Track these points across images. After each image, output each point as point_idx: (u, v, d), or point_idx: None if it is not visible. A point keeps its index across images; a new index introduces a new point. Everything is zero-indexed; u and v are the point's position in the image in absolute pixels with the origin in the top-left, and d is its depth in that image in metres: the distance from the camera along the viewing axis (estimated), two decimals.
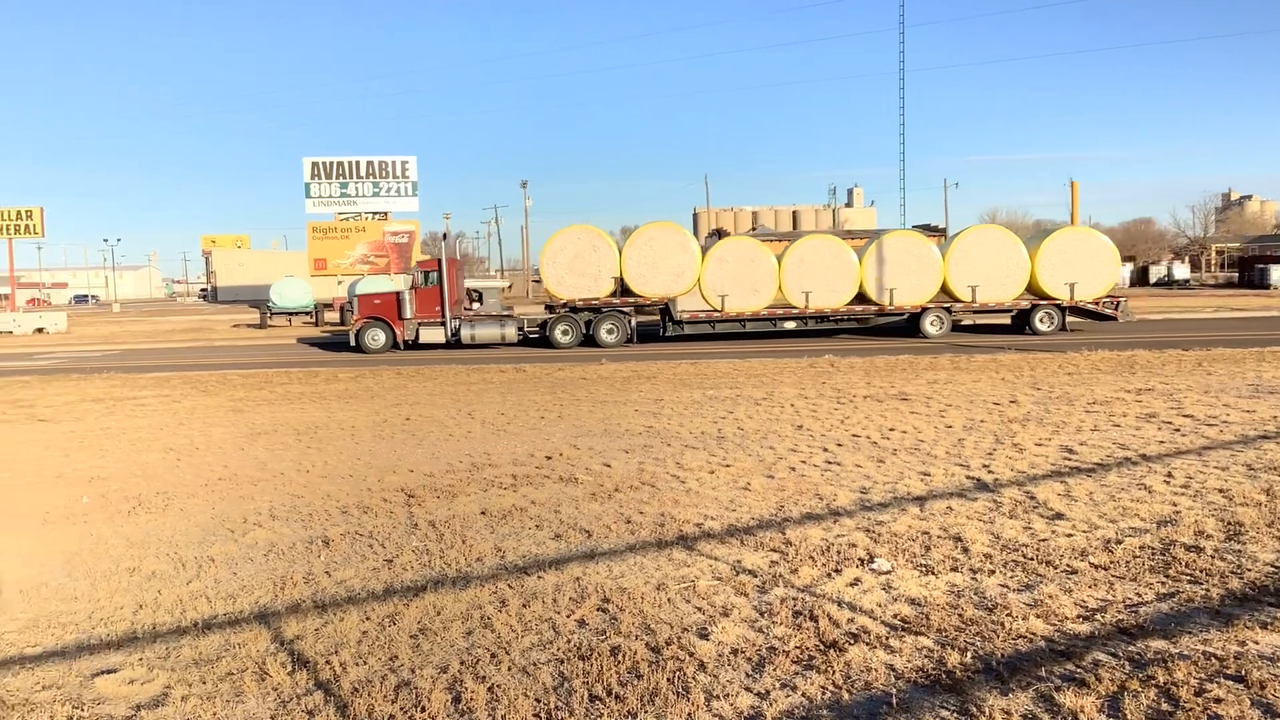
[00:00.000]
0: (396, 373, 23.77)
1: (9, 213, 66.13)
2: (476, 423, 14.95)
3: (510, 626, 6.21)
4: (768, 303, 32.32)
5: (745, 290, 32.20)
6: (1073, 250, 31.64)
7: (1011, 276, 31.64)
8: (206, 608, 6.79)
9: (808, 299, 32.01)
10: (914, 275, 31.70)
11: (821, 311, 32.16)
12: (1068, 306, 31.64)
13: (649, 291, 32.42)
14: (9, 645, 6.21)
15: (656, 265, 32.32)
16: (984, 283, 31.66)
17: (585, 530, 8.49)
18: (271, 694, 5.32)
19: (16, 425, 16.27)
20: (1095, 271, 31.57)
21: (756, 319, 32.50)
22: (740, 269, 32.22)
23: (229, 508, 9.75)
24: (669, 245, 32.51)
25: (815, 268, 32.00)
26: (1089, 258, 31.58)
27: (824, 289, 32.00)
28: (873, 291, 31.95)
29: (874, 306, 32.14)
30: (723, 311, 32.32)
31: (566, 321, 32.53)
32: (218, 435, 14.49)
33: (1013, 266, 31.62)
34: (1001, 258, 31.68)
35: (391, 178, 77.57)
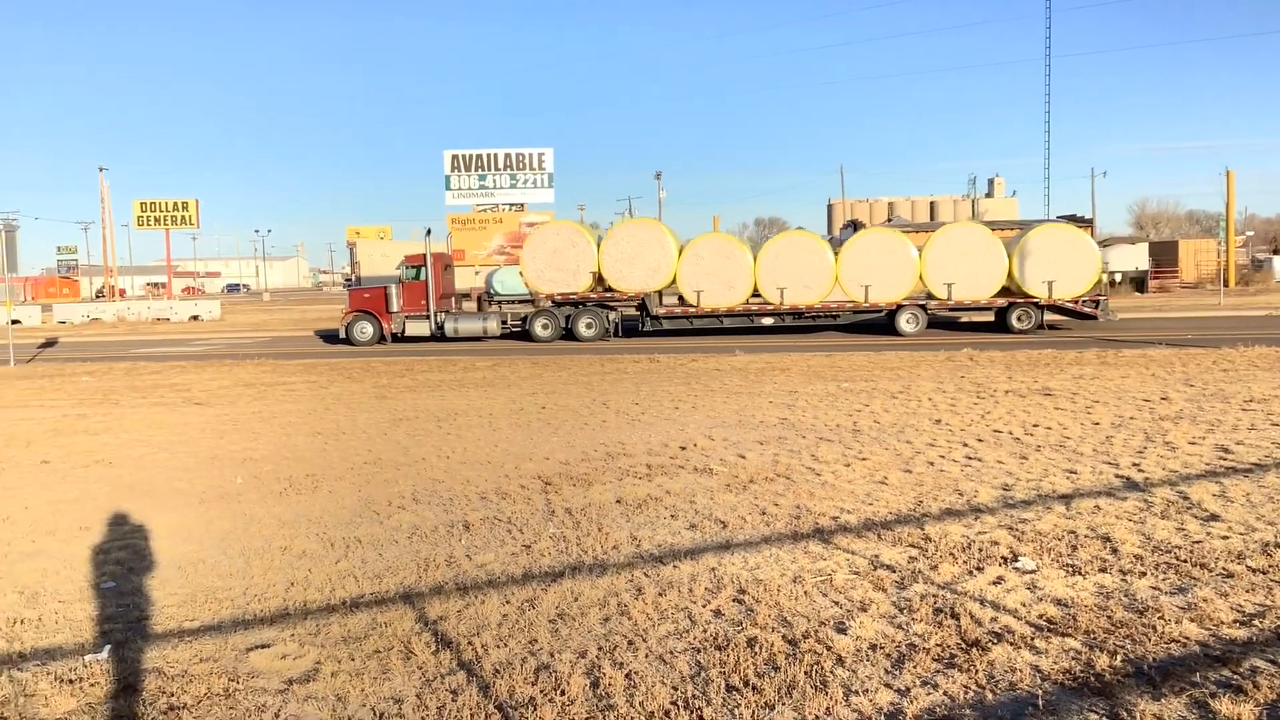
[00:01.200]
0: (532, 362, 24.13)
1: (166, 204, 69.26)
2: (611, 412, 15.08)
3: (647, 614, 6.25)
4: (743, 299, 32.51)
5: (721, 286, 32.39)
6: (1052, 248, 31.15)
7: (988, 274, 31.31)
8: (354, 587, 7.01)
9: (783, 295, 32.06)
10: (890, 272, 31.49)
11: (796, 308, 32.18)
12: (1046, 305, 31.15)
13: (626, 286, 32.84)
14: (168, 619, 6.50)
15: (633, 261, 32.63)
16: (960, 280, 31.35)
17: (720, 521, 8.49)
18: (416, 672, 5.46)
19: (175, 408, 17.03)
20: (1075, 269, 30.93)
21: (733, 315, 32.65)
22: (716, 265, 32.42)
23: (374, 491, 10.04)
24: (646, 241, 32.84)
25: (790, 264, 32.01)
26: (1069, 255, 31.01)
27: (799, 285, 31.99)
28: (849, 288, 31.91)
29: (849, 303, 32.08)
30: (698, 307, 32.58)
31: (546, 316, 33.15)
32: (362, 420, 14.92)
33: (990, 264, 31.31)
34: (978, 255, 31.38)
35: (528, 169, 78.69)
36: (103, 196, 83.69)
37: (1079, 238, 31.93)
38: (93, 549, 8.16)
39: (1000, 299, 31.55)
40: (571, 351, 27.58)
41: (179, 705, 5.10)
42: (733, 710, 4.91)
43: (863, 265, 31.70)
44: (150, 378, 22.84)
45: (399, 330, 33.53)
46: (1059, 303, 31.14)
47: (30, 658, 5.83)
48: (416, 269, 33.70)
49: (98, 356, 30.83)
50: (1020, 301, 31.31)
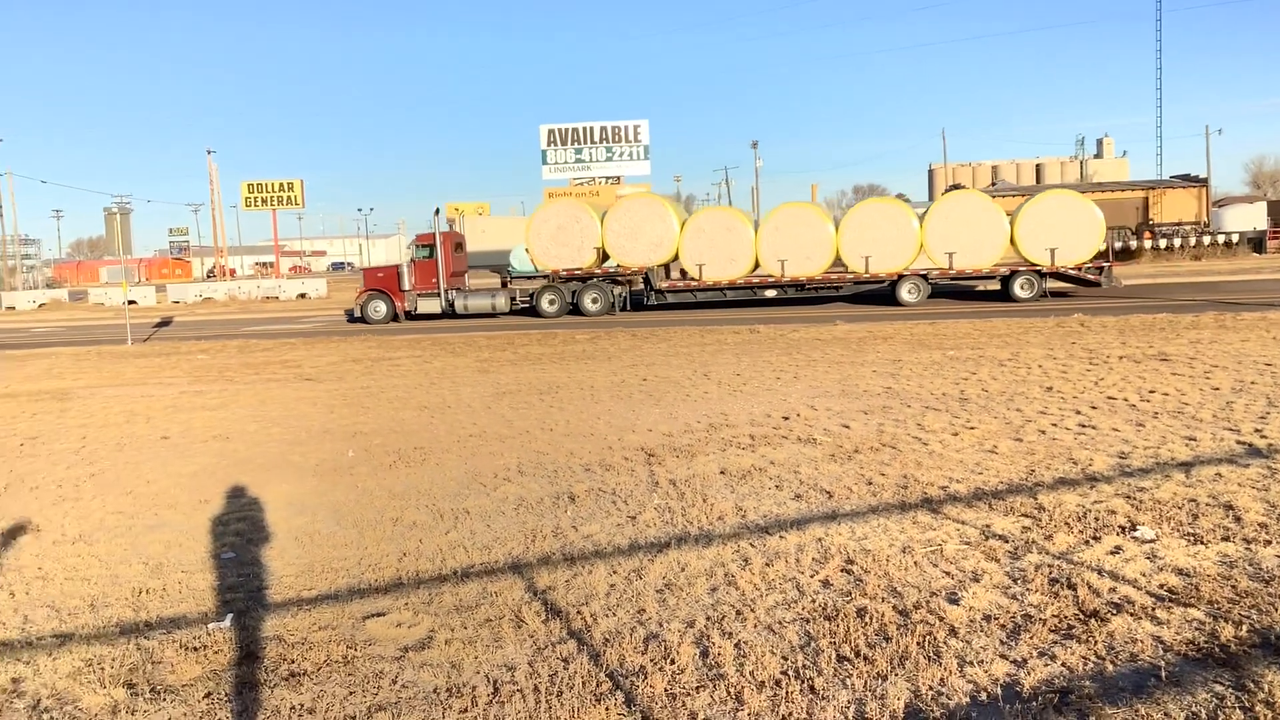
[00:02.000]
0: (631, 335, 24.18)
1: (272, 185, 70.88)
2: (712, 383, 15.04)
3: (754, 585, 6.22)
4: (745, 271, 32.75)
5: (723, 259, 32.57)
6: (1055, 215, 30.62)
7: (990, 243, 30.91)
8: (464, 557, 7.11)
9: (783, 267, 32.16)
10: (891, 243, 31.27)
11: (797, 280, 32.21)
12: (1048, 272, 30.66)
13: (629, 261, 33.24)
14: (287, 588, 6.67)
15: (636, 235, 32.95)
16: (961, 249, 30.96)
17: (826, 491, 8.41)
18: (528, 640, 5.52)
19: (287, 384, 17.46)
20: (1078, 236, 30.40)
21: (735, 287, 32.75)
22: (717, 238, 32.61)
23: (480, 463, 10.16)
24: (647, 215, 33.17)
25: (790, 236, 32.10)
26: (1072, 223, 30.44)
27: (799, 257, 32.02)
28: (849, 259, 31.87)
29: (850, 274, 32.03)
30: (700, 280, 32.84)
31: (553, 291, 33.52)
32: (466, 394, 15.12)
33: (991, 233, 30.90)
34: (980, 224, 30.99)
35: (624, 142, 78.66)
36: (212, 179, 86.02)
37: (1081, 204, 31.36)
38: (212, 521, 8.41)
39: (1003, 267, 31.20)
40: (668, 324, 27.56)
41: (299, 672, 5.24)
42: (844, 680, 4.87)
43: (863, 236, 31.62)
44: (262, 355, 23.45)
45: (411, 308, 34.33)
46: (1062, 270, 30.70)
47: (156, 626, 6.03)
48: (429, 248, 34.39)
49: (211, 335, 31.77)
50: (1023, 269, 30.90)
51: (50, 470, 10.71)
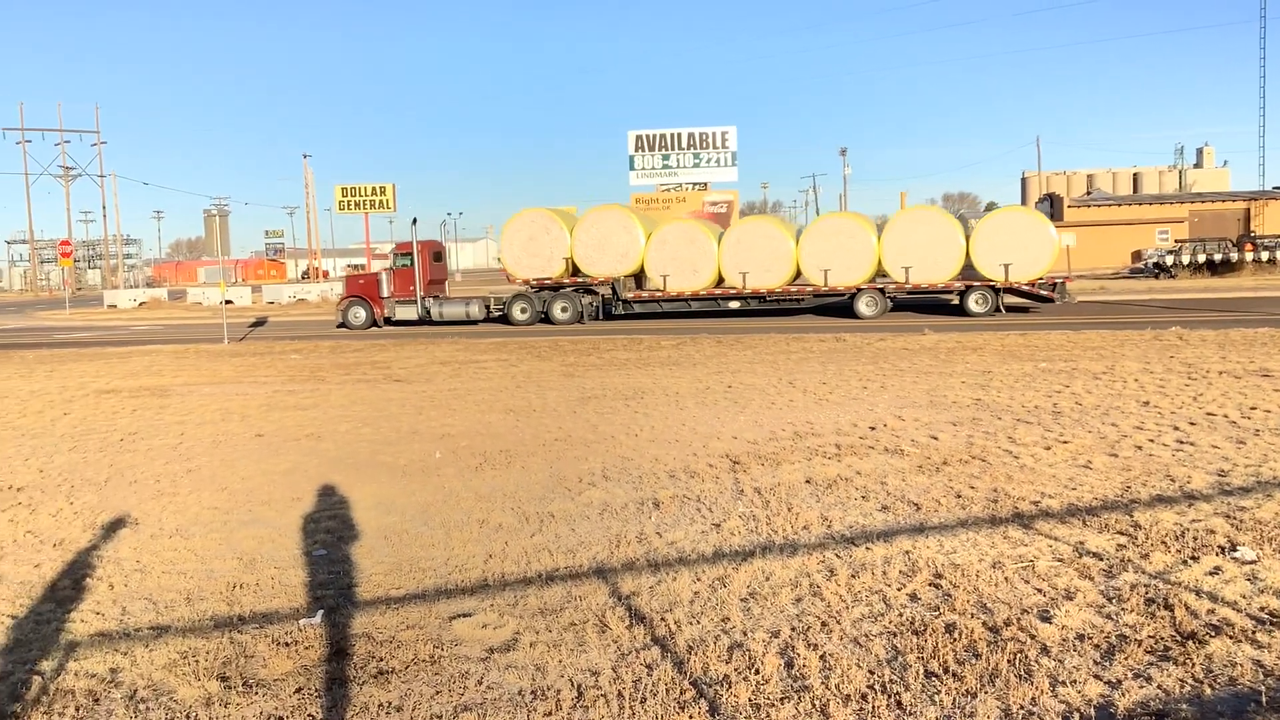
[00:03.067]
0: (717, 341, 24.13)
1: (365, 189, 71.96)
2: (798, 391, 14.94)
3: (840, 596, 6.16)
4: (707, 283, 33.45)
5: (686, 271, 33.37)
6: (1009, 232, 31.20)
7: (946, 258, 31.45)
8: (549, 560, 7.15)
9: (745, 279, 32.86)
10: (849, 257, 31.98)
11: (758, 291, 32.91)
12: (1002, 288, 31.10)
13: (596, 271, 34.06)
14: (376, 586, 6.77)
15: (603, 247, 33.79)
16: (918, 264, 31.50)
17: (913, 503, 8.30)
18: (612, 646, 5.53)
19: (376, 385, 17.75)
20: (1032, 253, 30.89)
21: (698, 298, 33.55)
22: (680, 250, 33.42)
23: (565, 467, 10.22)
24: (614, 227, 34.01)
25: (752, 249, 32.79)
26: (1025, 240, 30.95)
27: (760, 270, 32.71)
28: (809, 272, 32.52)
29: (810, 287, 32.67)
30: (665, 291, 33.61)
31: (525, 300, 34.41)
32: (552, 398, 15.22)
33: (947, 248, 31.47)
34: (936, 239, 31.56)
35: (711, 148, 78.39)
36: (307, 182, 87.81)
37: (1035, 221, 32.00)
38: (304, 518, 8.58)
39: (959, 282, 31.65)
40: (757, 331, 27.45)
41: (388, 670, 5.31)
42: (932, 696, 4.79)
43: (822, 250, 32.27)
44: (353, 355, 23.87)
45: (390, 314, 35.13)
46: (1015, 285, 31.13)
47: (249, 621, 6.16)
48: (408, 257, 35.16)
49: (304, 335, 32.42)
50: (978, 284, 31.35)
51: (149, 465, 11.01)
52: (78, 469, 10.89)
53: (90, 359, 25.42)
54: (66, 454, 11.78)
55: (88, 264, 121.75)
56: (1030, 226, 31.57)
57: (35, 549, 7.89)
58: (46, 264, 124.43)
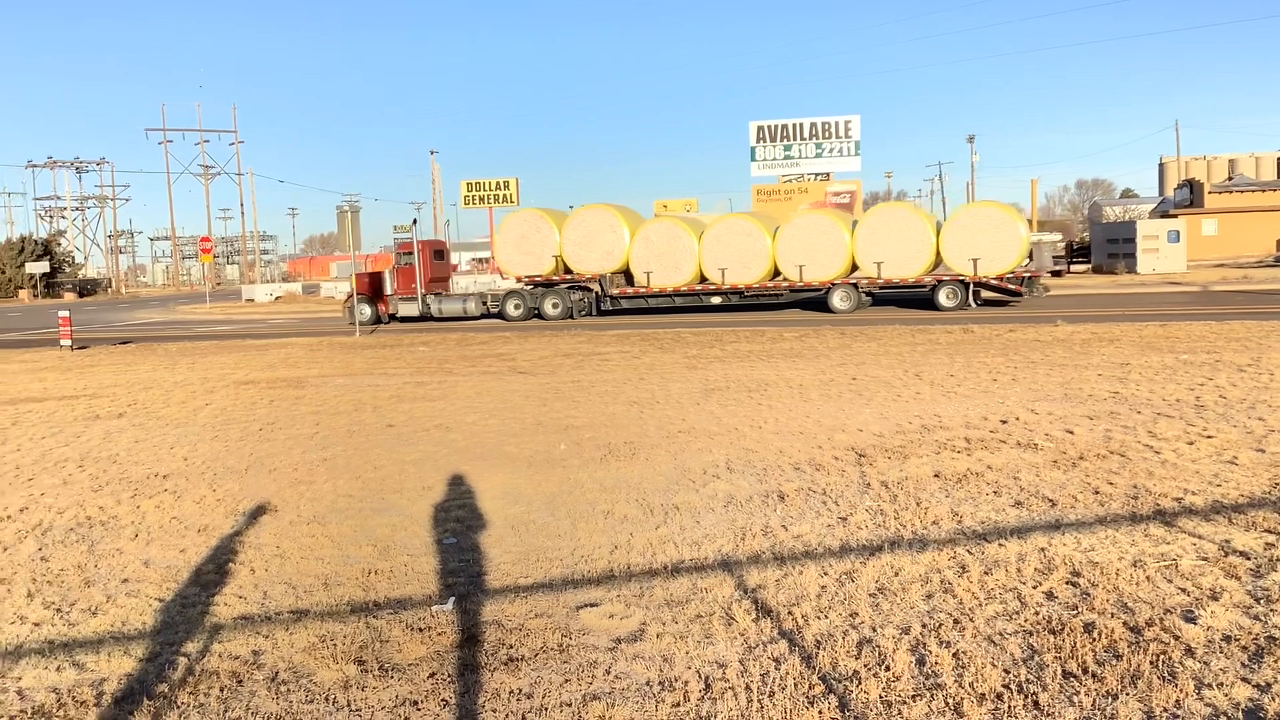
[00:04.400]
0: (840, 333, 23.87)
1: (490, 184, 73.07)
2: (925, 384, 14.67)
3: (972, 593, 6.03)
4: (689, 279, 34.46)
5: (668, 268, 34.44)
6: (977, 228, 31.84)
7: (917, 253, 32.26)
8: (674, 552, 7.16)
9: (724, 275, 33.90)
10: (823, 253, 32.96)
11: (736, 287, 33.89)
12: (971, 282, 31.72)
13: (583, 269, 35.37)
14: (504, 575, 6.87)
15: (589, 244, 35.04)
16: (889, 259, 32.42)
17: (1048, 499, 8.07)
18: (739, 639, 5.51)
19: (501, 377, 18.02)
20: (1000, 248, 31.53)
21: (681, 294, 34.54)
22: (663, 247, 34.46)
23: (689, 459, 10.22)
24: (599, 226, 35.13)
25: (731, 247, 33.83)
26: (994, 235, 31.59)
27: (738, 266, 33.75)
28: (785, 268, 33.56)
29: (786, 282, 33.59)
30: (648, 287, 34.65)
31: (518, 296, 35.82)
32: (675, 390, 15.24)
33: (918, 244, 32.24)
34: (907, 235, 32.34)
35: (834, 138, 77.51)
36: (434, 178, 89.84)
37: (1004, 216, 32.46)
38: (434, 507, 8.75)
39: (929, 277, 32.53)
40: (879, 322, 27.06)
41: (517, 657, 5.38)
42: (1071, 698, 4.65)
43: (797, 246, 33.25)
44: (479, 348, 24.28)
45: (394, 311, 36.80)
46: (985, 280, 31.81)
47: (384, 606, 6.31)
48: (409, 256, 36.83)
49: (431, 328, 33.08)
50: (948, 279, 32.11)
51: (287, 453, 11.37)
52: (220, 457, 11.30)
53: (229, 351, 26.38)
54: (209, 443, 12.24)
55: (226, 259, 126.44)
56: (998, 222, 32.10)
57: (180, 534, 8.21)
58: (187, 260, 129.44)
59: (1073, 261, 54.21)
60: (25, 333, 40.20)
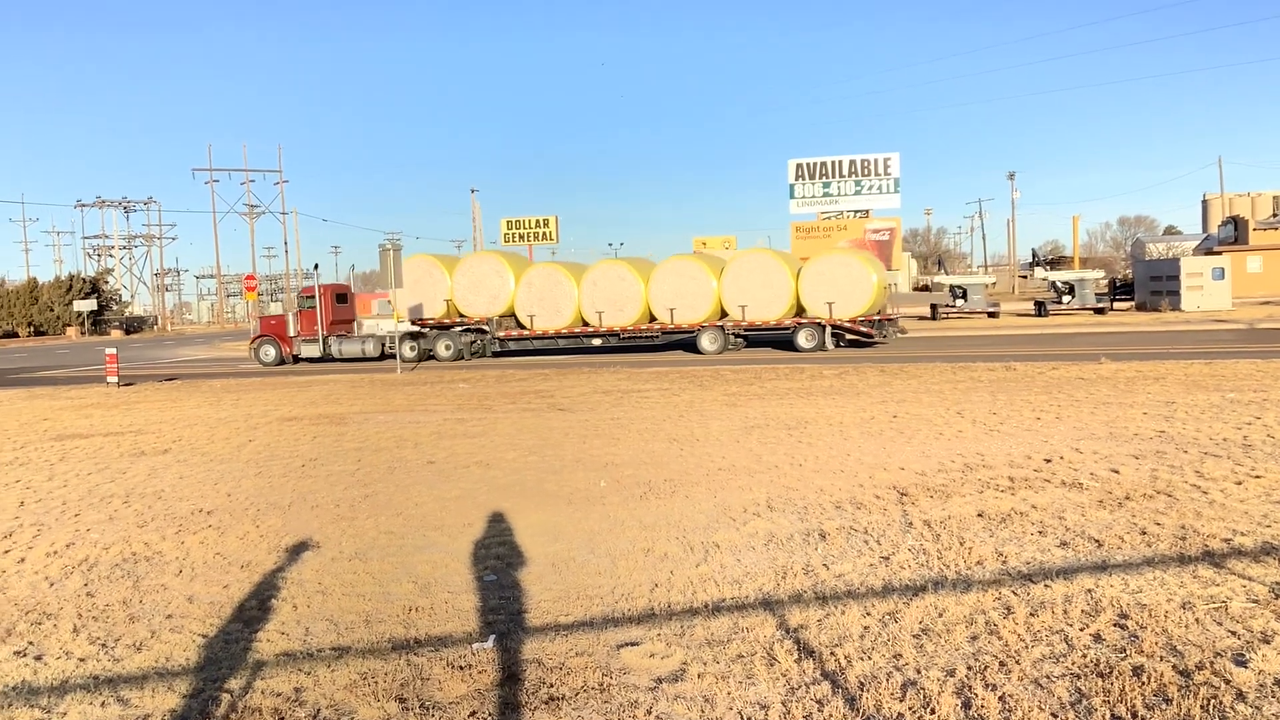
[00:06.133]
0: (880, 370, 23.75)
1: (529, 222, 73.63)
2: (967, 421, 14.56)
3: (1018, 635, 5.95)
4: (570, 321, 35.96)
5: (550, 311, 36.00)
6: (831, 273, 33.67)
7: (778, 297, 33.97)
8: (715, 591, 7.12)
9: (600, 318, 35.52)
10: (692, 297, 34.68)
11: (613, 330, 35.45)
12: (827, 325, 33.46)
13: (473, 312, 36.80)
14: (544, 613, 6.86)
15: (477, 289, 36.55)
16: (753, 303, 34.16)
17: (1095, 539, 7.97)
18: (780, 679, 5.46)
19: (541, 414, 18.07)
20: (852, 293, 33.36)
21: (563, 336, 36.02)
22: (545, 292, 36.04)
23: (729, 497, 10.18)
24: (486, 271, 36.72)
25: (606, 291, 35.44)
26: (847, 280, 33.48)
27: (614, 309, 35.39)
28: (657, 311, 35.15)
29: (659, 325, 35.20)
30: (532, 330, 36.17)
31: (413, 339, 37.22)
32: (714, 427, 15.21)
33: (778, 289, 33.97)
34: (770, 280, 34.08)
35: (873, 175, 77.68)
36: (474, 216, 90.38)
37: (855, 263, 34.32)
38: (475, 544, 8.77)
39: (791, 320, 34.08)
40: (917, 359, 26.90)
41: (558, 696, 5.37)
42: None
43: (668, 291, 34.93)
44: (518, 385, 24.37)
45: (297, 352, 38.34)
46: (838, 323, 33.56)
47: (425, 644, 6.32)
48: (311, 299, 38.61)
49: (470, 366, 33.25)
50: (806, 322, 33.88)
51: (329, 490, 11.45)
52: (263, 493, 11.39)
53: (272, 388, 26.64)
54: (252, 479, 12.35)
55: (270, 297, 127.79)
56: (850, 269, 33.92)
57: (224, 570, 8.27)
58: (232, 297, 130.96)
59: (1115, 299, 53.78)
60: (73, 369, 40.79)
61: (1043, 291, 59.51)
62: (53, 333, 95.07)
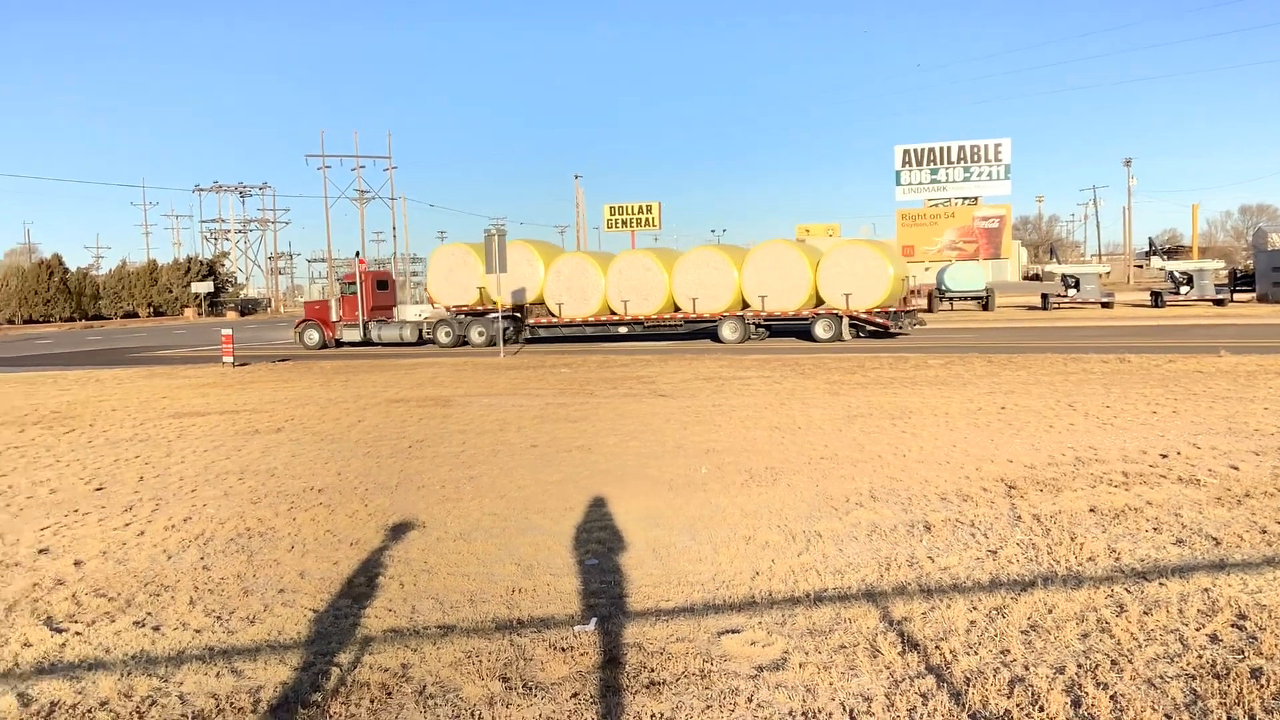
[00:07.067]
0: (988, 361, 23.30)
1: (632, 208, 73.69)
2: (1078, 414, 14.20)
3: (1130, 634, 5.79)
4: (596, 310, 36.64)
5: (578, 299, 36.63)
6: (849, 265, 33.88)
7: (797, 288, 34.38)
8: (817, 580, 7.07)
9: (626, 307, 36.13)
10: (714, 287, 35.12)
11: (638, 318, 36.09)
12: (844, 315, 33.62)
13: (504, 300, 36.55)
14: (645, 598, 6.88)
15: (509, 277, 35.92)
16: (772, 294, 34.59)
17: (1212, 537, 7.71)
18: (884, 671, 5.40)
19: (642, 399, 18.12)
20: (869, 284, 33.54)
21: (589, 324, 36.74)
22: (573, 280, 36.63)
23: (831, 486, 10.10)
24: (518, 260, 36.74)
25: (632, 280, 35.99)
26: (863, 272, 33.59)
27: (639, 298, 35.94)
28: (680, 300, 35.76)
29: (680, 314, 35.86)
30: (560, 317, 36.80)
31: (447, 325, 38.23)
32: (816, 415, 15.09)
33: (797, 279, 34.34)
34: (789, 272, 34.46)
35: (983, 161, 76.16)
36: (578, 201, 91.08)
37: (872, 255, 34.24)
38: (576, 528, 8.84)
39: (809, 310, 34.37)
40: (1020, 350, 26.32)
41: (659, 681, 5.38)
42: None
43: (691, 281, 35.40)
44: (619, 370, 24.48)
45: (339, 337, 39.64)
46: (855, 314, 33.70)
47: (527, 625, 6.39)
48: (353, 285, 39.70)
49: (573, 350, 33.51)
50: (823, 313, 34.08)
51: (434, 471, 11.64)
52: (371, 473, 11.64)
53: (381, 370, 27.19)
54: (361, 458, 12.62)
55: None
56: (866, 260, 33.91)
57: (334, 547, 8.47)
58: None
59: (1235, 290, 51.92)
60: (190, 349, 42.16)
61: (1159, 282, 57.68)
62: (171, 313, 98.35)
